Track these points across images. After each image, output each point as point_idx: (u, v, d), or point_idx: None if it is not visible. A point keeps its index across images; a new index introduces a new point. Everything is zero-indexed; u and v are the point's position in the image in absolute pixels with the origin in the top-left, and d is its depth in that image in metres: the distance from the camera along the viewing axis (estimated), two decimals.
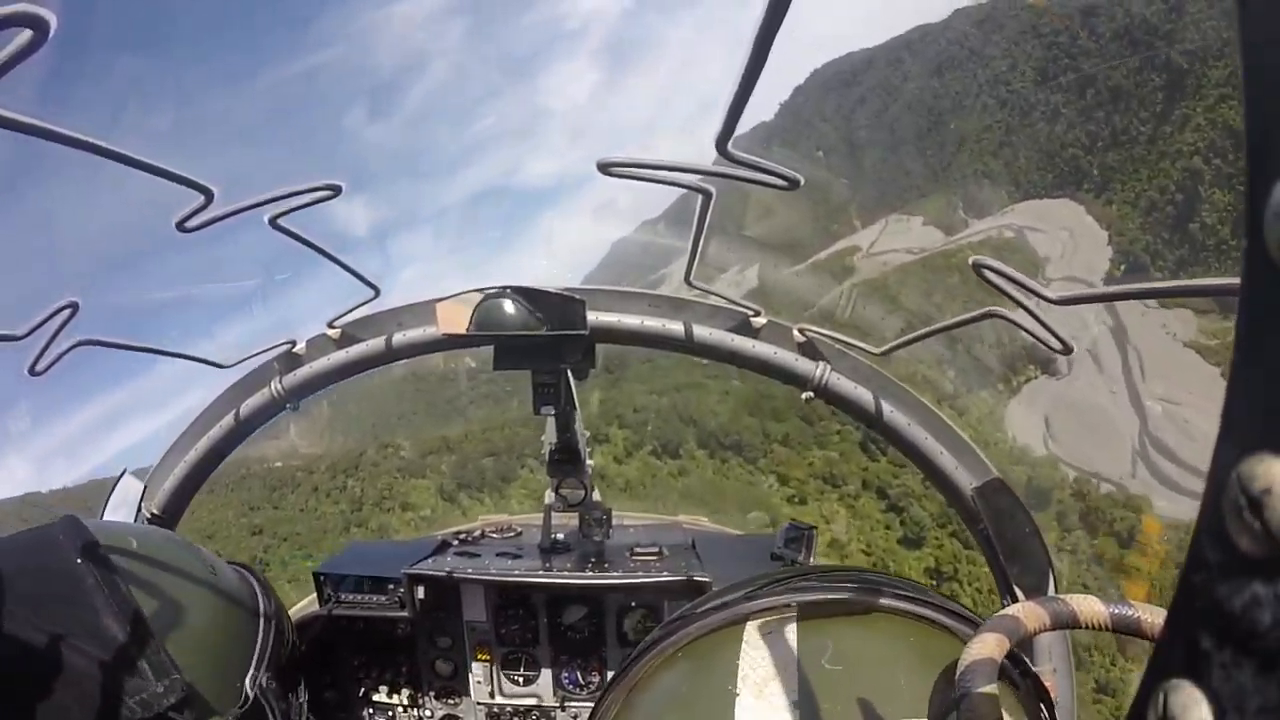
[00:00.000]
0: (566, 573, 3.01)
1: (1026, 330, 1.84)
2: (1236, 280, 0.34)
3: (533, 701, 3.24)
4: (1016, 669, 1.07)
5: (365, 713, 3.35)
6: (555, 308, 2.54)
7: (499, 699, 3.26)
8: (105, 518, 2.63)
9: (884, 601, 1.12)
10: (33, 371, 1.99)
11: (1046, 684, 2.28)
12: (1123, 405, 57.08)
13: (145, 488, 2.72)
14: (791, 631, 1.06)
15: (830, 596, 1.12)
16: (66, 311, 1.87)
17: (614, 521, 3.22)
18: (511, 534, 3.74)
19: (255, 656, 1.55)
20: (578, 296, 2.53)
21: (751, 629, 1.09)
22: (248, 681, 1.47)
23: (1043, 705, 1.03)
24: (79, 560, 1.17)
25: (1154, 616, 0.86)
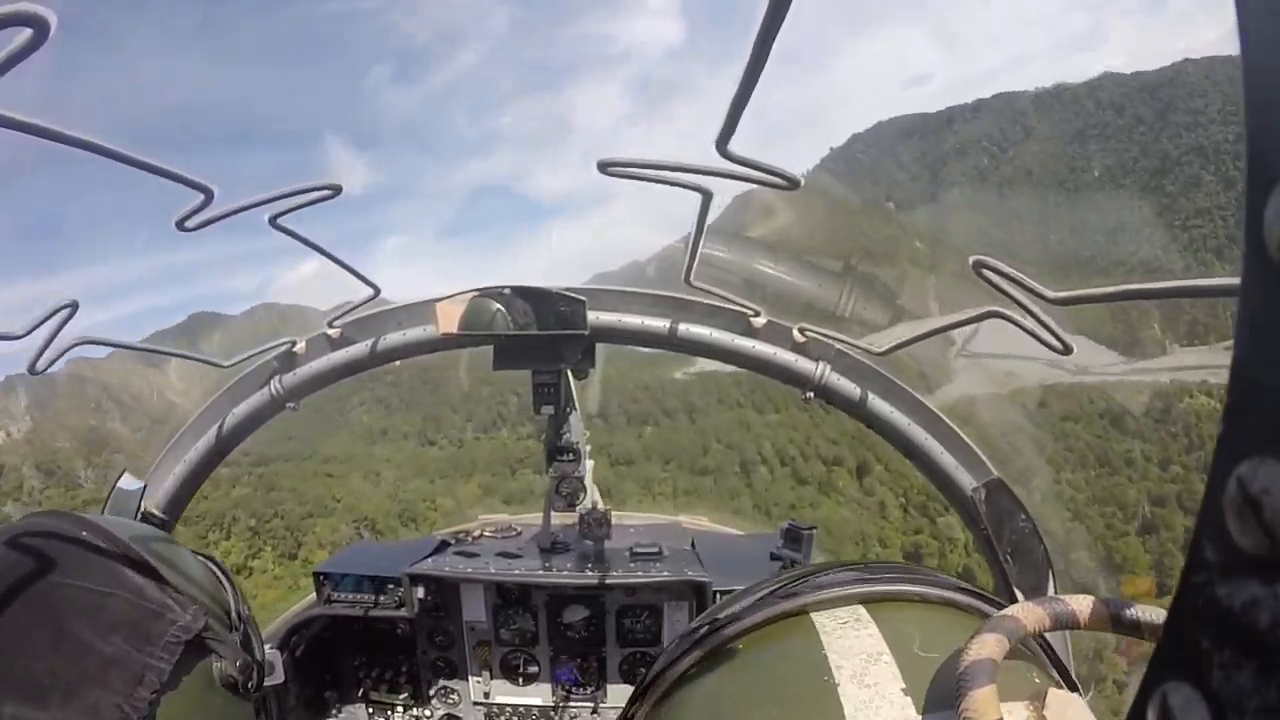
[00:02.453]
0: (566, 573, 3.00)
1: (1027, 330, 1.84)
2: (1236, 280, 0.34)
3: (532, 701, 3.24)
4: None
5: (365, 712, 3.35)
6: (555, 307, 2.54)
7: (498, 699, 3.26)
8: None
9: (940, 593, 1.11)
10: (32, 370, 2.00)
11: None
12: None
13: (145, 487, 2.72)
14: (869, 621, 1.04)
15: (892, 588, 1.10)
16: (66, 311, 1.87)
17: (614, 521, 3.22)
18: (511, 534, 3.74)
19: (233, 602, 1.65)
20: (578, 296, 2.53)
21: (821, 619, 1.06)
22: (233, 613, 1.58)
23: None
24: (84, 533, 1.27)
25: (1154, 617, 0.86)
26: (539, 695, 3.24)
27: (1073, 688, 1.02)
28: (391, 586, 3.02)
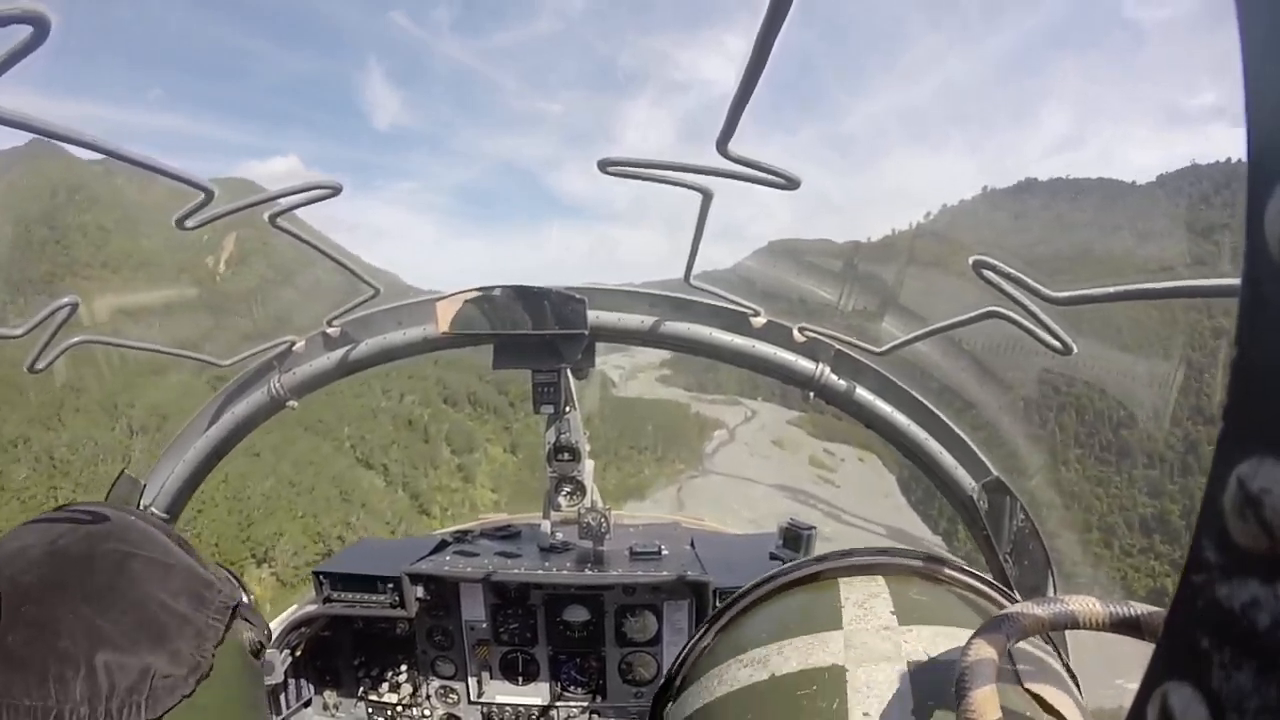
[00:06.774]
0: (565, 572, 3.01)
1: (1027, 330, 1.84)
2: (1236, 280, 0.34)
3: (531, 701, 3.24)
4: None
5: (364, 711, 3.35)
6: (555, 307, 2.55)
7: (497, 698, 3.26)
8: None
9: (949, 571, 1.18)
10: (32, 369, 2.00)
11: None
12: None
13: (144, 486, 2.72)
14: (883, 588, 1.10)
15: (904, 561, 1.17)
16: (65, 310, 1.87)
17: (613, 521, 3.23)
18: (511, 533, 3.75)
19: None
20: (578, 295, 2.54)
21: (846, 584, 1.13)
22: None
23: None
24: (133, 517, 1.36)
25: (1154, 617, 0.86)
26: (538, 695, 3.24)
27: (1075, 687, 1.02)
28: (390, 586, 3.02)
